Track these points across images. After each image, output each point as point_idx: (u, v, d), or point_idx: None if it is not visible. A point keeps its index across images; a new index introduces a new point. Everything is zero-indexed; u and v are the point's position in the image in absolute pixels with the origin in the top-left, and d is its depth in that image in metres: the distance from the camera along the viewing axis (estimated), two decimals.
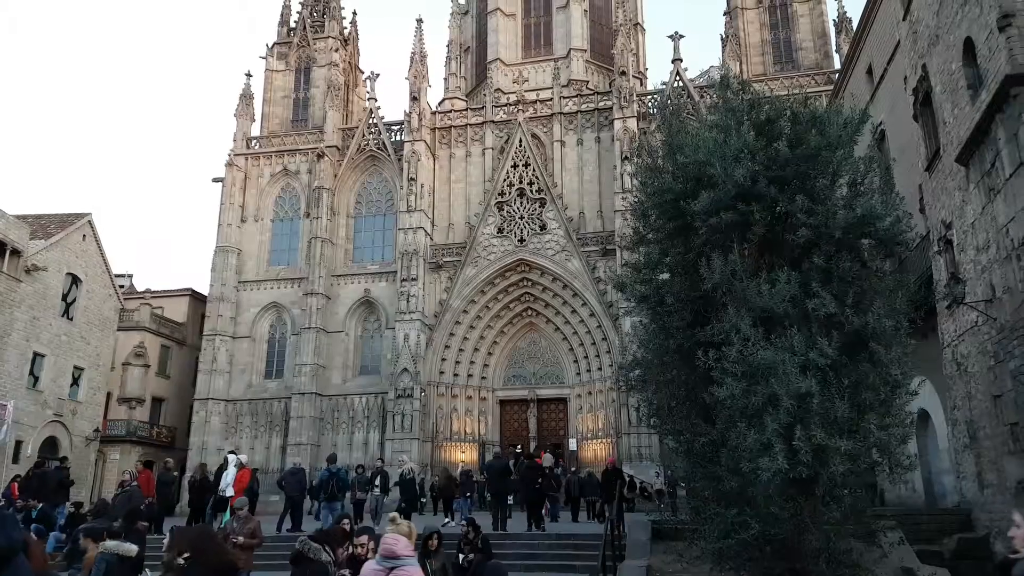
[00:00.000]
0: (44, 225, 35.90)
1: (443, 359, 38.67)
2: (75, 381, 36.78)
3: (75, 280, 36.59)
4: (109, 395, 40.52)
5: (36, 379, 34.20)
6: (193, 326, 45.36)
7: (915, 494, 18.24)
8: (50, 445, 34.75)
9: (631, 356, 15.79)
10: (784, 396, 9.07)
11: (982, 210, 12.98)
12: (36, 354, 34.00)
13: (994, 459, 12.98)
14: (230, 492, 17.71)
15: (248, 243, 43.02)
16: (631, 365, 15.32)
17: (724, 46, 40.92)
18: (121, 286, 42.52)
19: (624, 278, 16.04)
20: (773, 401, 9.19)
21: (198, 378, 40.68)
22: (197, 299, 45.70)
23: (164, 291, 47.46)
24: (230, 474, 18.37)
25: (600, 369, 37.25)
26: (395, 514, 8.20)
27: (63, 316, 35.80)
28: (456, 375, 38.92)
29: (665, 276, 14.67)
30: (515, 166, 40.35)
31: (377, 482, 21.17)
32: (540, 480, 19.92)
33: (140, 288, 49.75)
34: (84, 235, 37.38)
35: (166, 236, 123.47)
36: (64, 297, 35.93)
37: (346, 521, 10.14)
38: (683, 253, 13.89)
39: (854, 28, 26.04)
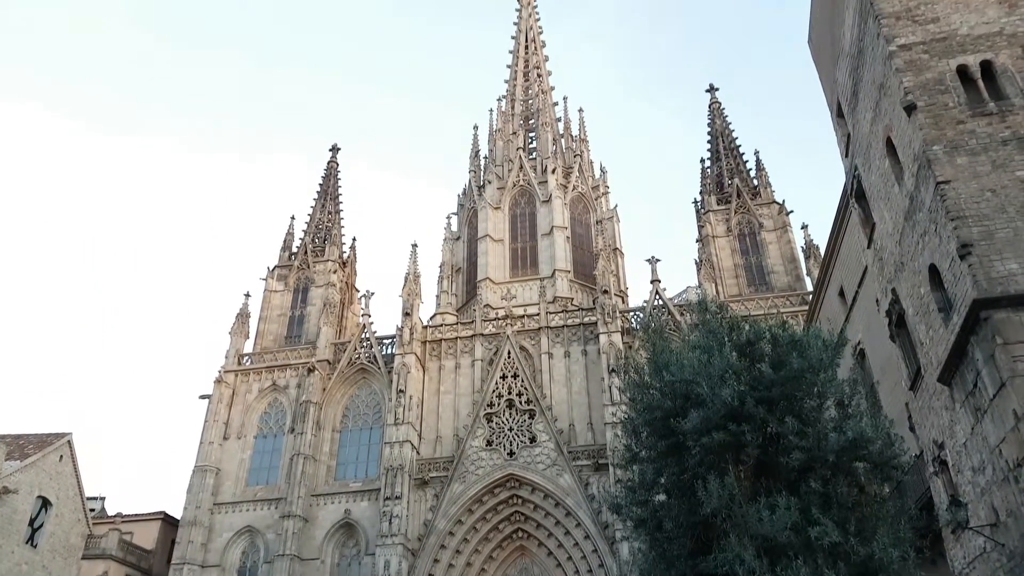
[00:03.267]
0: (22, 445, 34.87)
1: None
2: None
3: (45, 503, 34.77)
4: None
5: None
6: (162, 553, 42.50)
7: None
8: None
9: None
10: None
11: (971, 430, 13.01)
12: None
13: None
14: None
15: (228, 462, 41.82)
16: None
17: (699, 269, 43.42)
18: (92, 509, 40.35)
19: (619, 499, 15.61)
20: None
21: None
22: (169, 523, 43.34)
23: (135, 515, 45.01)
24: None
25: None
26: None
27: (27, 543, 33.48)
28: None
29: (661, 497, 14.30)
30: (504, 377, 40.68)
31: None
32: None
33: (111, 511, 47.20)
34: (61, 456, 36.15)
35: (145, 455, 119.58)
36: (31, 522, 33.93)
37: None
38: (678, 474, 13.68)
39: (822, 254, 27.77)
